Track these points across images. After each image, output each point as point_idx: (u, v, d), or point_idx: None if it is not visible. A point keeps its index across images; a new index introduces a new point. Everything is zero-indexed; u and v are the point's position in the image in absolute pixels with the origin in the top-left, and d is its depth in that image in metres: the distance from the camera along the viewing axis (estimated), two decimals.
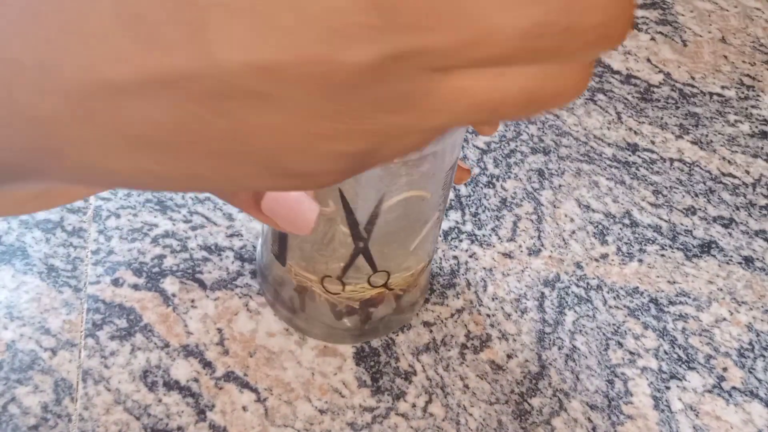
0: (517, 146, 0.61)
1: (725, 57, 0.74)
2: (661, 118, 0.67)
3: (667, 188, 0.61)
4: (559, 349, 0.50)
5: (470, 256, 0.53)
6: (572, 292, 0.53)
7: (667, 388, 0.49)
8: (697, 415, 0.48)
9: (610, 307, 0.53)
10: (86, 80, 0.16)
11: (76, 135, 0.18)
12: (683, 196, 0.61)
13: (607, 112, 0.66)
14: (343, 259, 0.42)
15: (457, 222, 0.55)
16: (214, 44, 0.16)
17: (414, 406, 0.46)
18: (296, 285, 0.45)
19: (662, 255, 0.57)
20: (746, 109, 0.70)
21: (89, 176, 0.19)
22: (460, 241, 0.54)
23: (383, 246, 0.42)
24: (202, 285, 0.48)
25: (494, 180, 0.59)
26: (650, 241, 0.57)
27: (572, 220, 0.57)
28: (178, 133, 0.18)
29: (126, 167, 0.19)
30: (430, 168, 0.39)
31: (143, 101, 0.17)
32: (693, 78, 0.71)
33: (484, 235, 0.55)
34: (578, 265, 0.55)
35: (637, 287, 0.54)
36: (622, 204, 0.59)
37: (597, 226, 0.57)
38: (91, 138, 0.18)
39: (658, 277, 0.55)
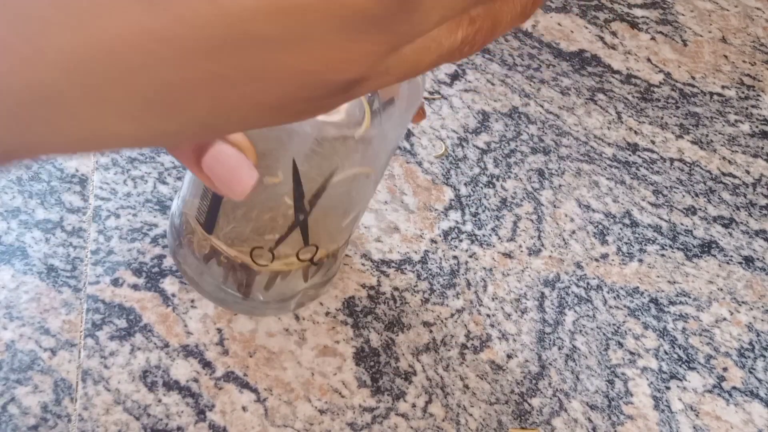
0: (517, 146, 0.61)
1: (725, 57, 0.74)
2: (662, 118, 0.67)
3: (667, 188, 0.61)
4: (559, 349, 0.50)
5: (470, 256, 0.53)
6: (572, 292, 0.53)
7: (667, 388, 0.49)
8: (697, 415, 0.48)
9: (610, 307, 0.53)
10: (81, 46, 0.16)
11: (75, 104, 0.17)
12: (683, 196, 0.61)
13: (607, 111, 0.66)
14: (280, 231, 0.42)
15: (457, 222, 0.55)
16: None
17: (414, 406, 0.46)
18: (209, 251, 0.44)
19: (662, 255, 0.57)
20: (746, 108, 0.70)
21: (87, 144, 0.18)
22: (460, 241, 0.54)
23: (319, 220, 0.42)
24: None
25: (494, 180, 0.58)
26: (650, 241, 0.57)
27: (572, 220, 0.57)
28: (186, 90, 0.17)
29: (129, 130, 0.18)
30: (380, 145, 0.40)
31: (147, 61, 0.16)
32: (693, 78, 0.71)
33: (484, 235, 0.55)
34: (578, 265, 0.55)
35: (637, 287, 0.54)
36: (622, 204, 0.59)
37: (597, 226, 0.57)
38: (92, 105, 0.17)
39: (658, 277, 0.55)
